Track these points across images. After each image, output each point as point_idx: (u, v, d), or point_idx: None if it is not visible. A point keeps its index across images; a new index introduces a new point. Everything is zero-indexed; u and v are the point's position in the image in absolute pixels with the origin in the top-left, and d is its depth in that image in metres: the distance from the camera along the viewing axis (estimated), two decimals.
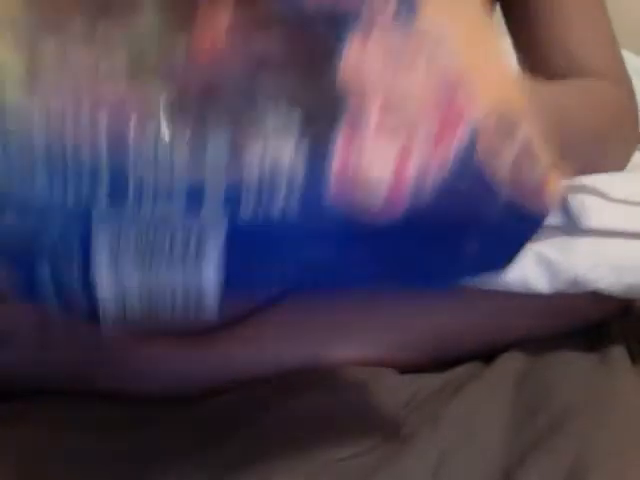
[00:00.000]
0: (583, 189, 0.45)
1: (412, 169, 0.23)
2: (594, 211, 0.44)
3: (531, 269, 0.43)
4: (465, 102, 0.24)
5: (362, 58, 0.24)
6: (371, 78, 0.24)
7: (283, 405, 0.41)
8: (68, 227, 0.23)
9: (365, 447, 0.38)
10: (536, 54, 0.54)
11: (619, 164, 0.50)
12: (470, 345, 0.47)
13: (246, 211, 0.23)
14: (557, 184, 0.27)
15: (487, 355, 0.46)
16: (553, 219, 0.43)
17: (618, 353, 0.46)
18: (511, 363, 0.45)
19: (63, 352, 0.42)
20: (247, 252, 0.25)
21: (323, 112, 0.24)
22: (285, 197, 0.23)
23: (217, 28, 0.24)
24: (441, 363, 0.46)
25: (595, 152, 0.47)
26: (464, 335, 0.46)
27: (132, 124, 0.23)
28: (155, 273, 0.24)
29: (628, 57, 1.16)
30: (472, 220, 0.26)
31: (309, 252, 0.25)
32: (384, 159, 0.23)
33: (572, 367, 0.44)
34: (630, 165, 0.52)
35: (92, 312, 0.24)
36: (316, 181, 0.23)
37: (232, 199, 0.23)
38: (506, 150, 0.25)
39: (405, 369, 0.45)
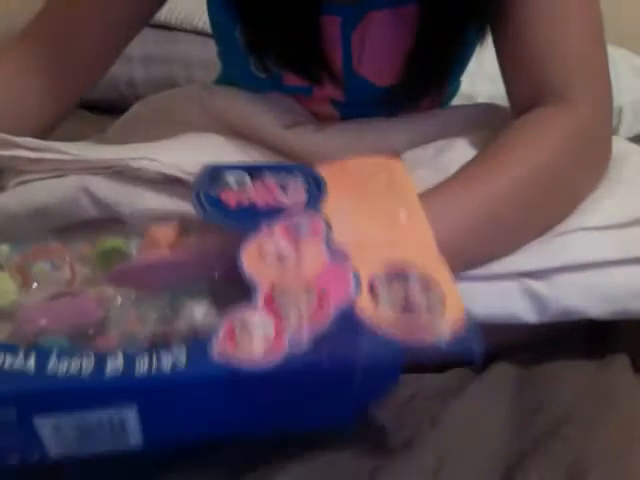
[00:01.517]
0: (566, 229, 0.46)
1: (287, 334, 0.32)
2: (579, 245, 0.45)
3: (520, 303, 0.44)
4: (345, 277, 0.35)
5: (261, 252, 0.36)
6: (264, 267, 0.35)
7: None
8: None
9: (364, 448, 0.38)
10: (517, 72, 0.53)
11: (595, 185, 0.50)
12: None
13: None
14: (456, 315, 0.33)
15: (487, 357, 0.46)
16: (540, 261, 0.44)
17: (618, 356, 0.46)
18: (511, 365, 0.45)
19: None
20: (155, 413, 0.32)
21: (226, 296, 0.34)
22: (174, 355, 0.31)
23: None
24: (441, 364, 0.46)
25: (566, 205, 0.48)
26: None
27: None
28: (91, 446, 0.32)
29: (628, 57, 1.17)
30: (355, 360, 0.32)
31: (204, 403, 0.32)
32: (263, 327, 0.32)
33: (572, 369, 0.44)
34: (616, 152, 0.52)
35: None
36: (202, 343, 0.31)
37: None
38: (392, 294, 0.34)
39: (405, 369, 0.45)
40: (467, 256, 0.43)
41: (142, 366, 0.31)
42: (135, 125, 0.64)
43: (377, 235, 0.39)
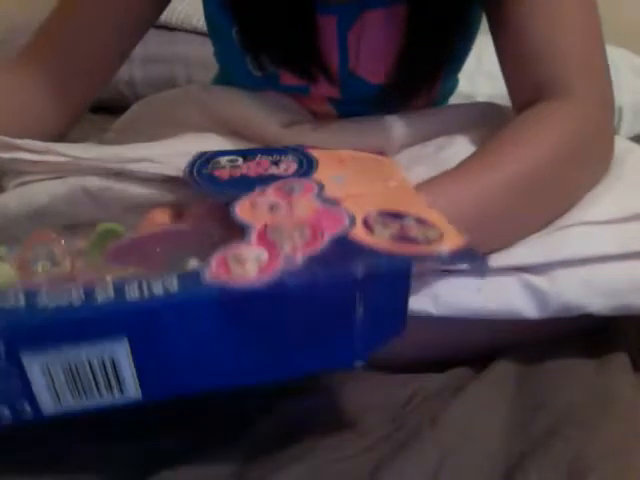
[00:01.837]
0: (566, 223, 0.46)
1: (281, 257, 0.31)
2: (578, 239, 0.45)
3: (520, 298, 0.44)
4: (338, 215, 0.34)
5: (253, 203, 0.36)
6: (257, 216, 0.34)
7: (281, 407, 0.41)
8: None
9: (364, 448, 0.38)
10: (517, 70, 0.53)
11: (596, 182, 0.50)
12: (470, 345, 0.47)
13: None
14: (454, 240, 0.33)
15: (487, 356, 0.46)
16: (540, 255, 0.44)
17: (618, 356, 0.46)
18: (511, 364, 0.45)
19: None
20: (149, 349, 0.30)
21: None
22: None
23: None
24: (441, 363, 0.46)
25: (566, 201, 0.48)
26: (464, 335, 0.46)
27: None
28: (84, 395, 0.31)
29: (628, 57, 1.17)
30: (352, 275, 0.30)
31: (197, 331, 0.30)
32: (257, 256, 0.31)
33: (572, 369, 0.44)
34: (617, 151, 0.52)
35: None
36: (194, 273, 0.30)
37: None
38: (387, 228, 0.33)
39: (405, 369, 0.45)
40: None
41: (133, 293, 0.29)
42: (135, 125, 0.64)
43: (369, 191, 0.38)
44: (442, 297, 0.43)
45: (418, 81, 0.58)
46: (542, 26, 0.50)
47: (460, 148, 0.53)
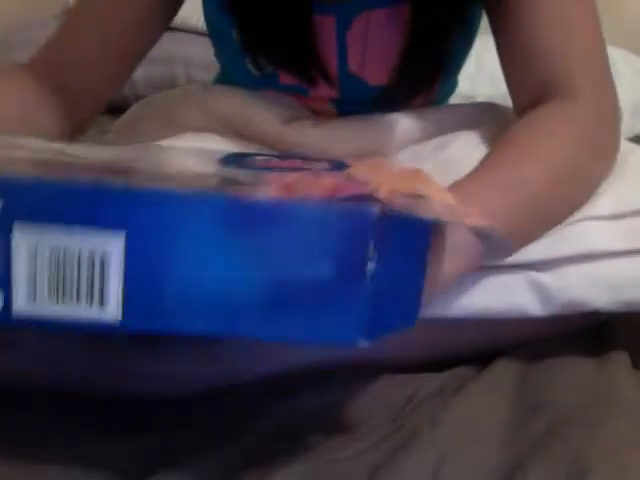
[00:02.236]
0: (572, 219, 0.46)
1: (298, 193, 0.30)
2: (584, 235, 0.45)
3: (525, 296, 0.44)
4: (360, 187, 0.32)
5: (280, 177, 0.35)
6: (278, 181, 0.33)
7: (282, 407, 0.41)
8: None
9: (363, 448, 0.38)
10: (519, 71, 0.53)
11: (603, 178, 0.50)
12: (469, 344, 0.47)
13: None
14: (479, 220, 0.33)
15: (487, 356, 0.46)
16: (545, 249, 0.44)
17: (618, 355, 0.46)
18: (511, 364, 0.45)
19: (63, 352, 0.42)
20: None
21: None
22: None
23: None
24: (441, 363, 0.46)
25: (579, 198, 0.47)
26: (464, 334, 0.46)
27: None
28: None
29: (628, 57, 1.17)
30: (368, 218, 0.29)
31: (199, 243, 0.29)
32: (273, 189, 0.31)
33: (572, 369, 0.44)
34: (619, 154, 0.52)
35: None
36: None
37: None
38: (409, 202, 0.32)
39: (404, 369, 0.45)
40: None
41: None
42: (136, 125, 0.64)
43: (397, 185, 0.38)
44: (447, 298, 0.43)
45: (419, 82, 0.58)
46: (543, 25, 0.50)
47: (460, 147, 0.53)
